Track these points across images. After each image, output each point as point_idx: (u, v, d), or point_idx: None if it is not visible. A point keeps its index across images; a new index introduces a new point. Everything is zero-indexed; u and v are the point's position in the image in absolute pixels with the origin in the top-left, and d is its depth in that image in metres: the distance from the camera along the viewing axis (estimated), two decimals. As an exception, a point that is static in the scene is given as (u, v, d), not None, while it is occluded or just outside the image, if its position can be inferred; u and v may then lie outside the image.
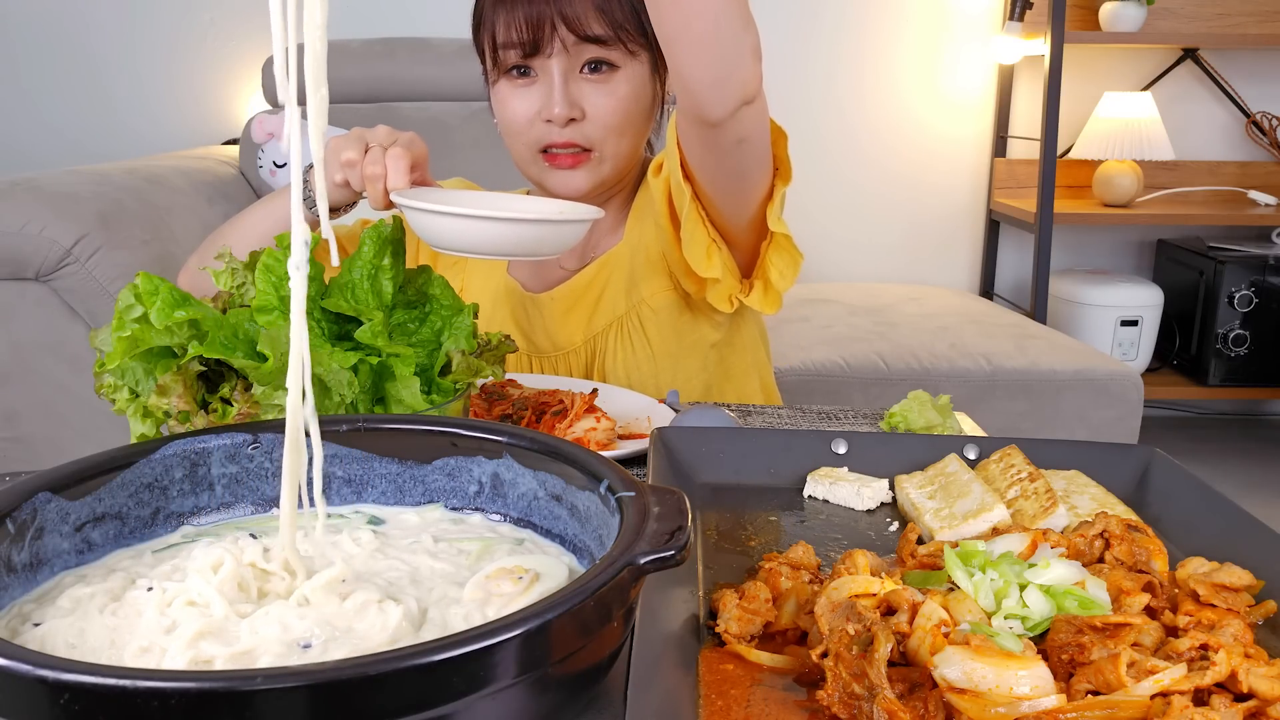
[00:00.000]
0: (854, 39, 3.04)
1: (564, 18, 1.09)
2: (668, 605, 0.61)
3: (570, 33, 1.10)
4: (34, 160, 2.90)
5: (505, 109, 1.16)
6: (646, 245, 1.23)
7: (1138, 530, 0.70)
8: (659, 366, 1.22)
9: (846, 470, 0.87)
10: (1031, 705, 0.50)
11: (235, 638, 0.50)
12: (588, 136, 1.14)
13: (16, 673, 0.41)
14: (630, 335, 1.22)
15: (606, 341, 1.23)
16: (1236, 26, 3.04)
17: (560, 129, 1.13)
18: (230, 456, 0.66)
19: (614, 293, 1.23)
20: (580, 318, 1.25)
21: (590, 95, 1.13)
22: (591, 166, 1.16)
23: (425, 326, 0.84)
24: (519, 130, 1.15)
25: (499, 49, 1.13)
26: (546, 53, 1.11)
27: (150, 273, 0.73)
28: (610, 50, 1.12)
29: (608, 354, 1.23)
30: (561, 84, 1.11)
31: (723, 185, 1.09)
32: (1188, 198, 3.12)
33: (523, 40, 1.10)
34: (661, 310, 1.22)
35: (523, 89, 1.14)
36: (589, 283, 1.25)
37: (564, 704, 0.49)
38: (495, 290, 1.29)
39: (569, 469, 0.62)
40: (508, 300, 1.28)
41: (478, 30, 1.17)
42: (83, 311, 1.91)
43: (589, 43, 1.11)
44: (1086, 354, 2.32)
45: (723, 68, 0.92)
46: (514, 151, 1.19)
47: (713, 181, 1.09)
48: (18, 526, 0.56)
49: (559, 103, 1.11)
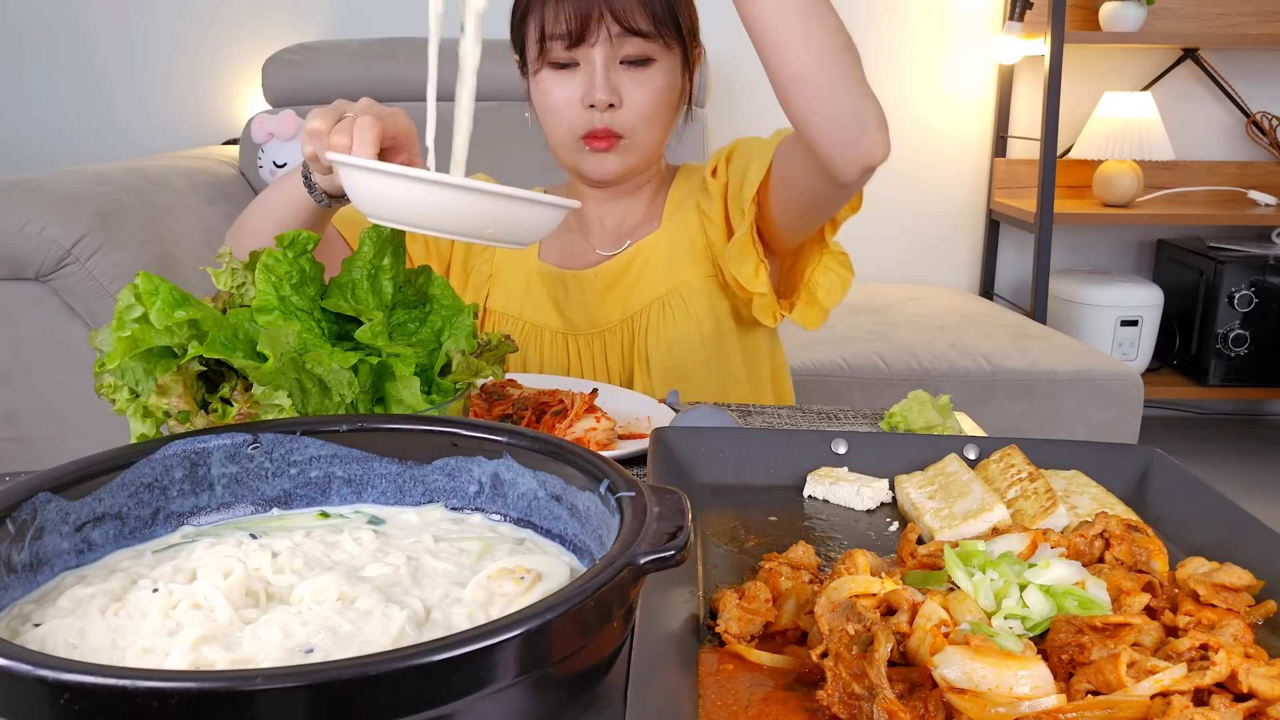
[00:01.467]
0: (854, 39, 3.04)
1: (611, 10, 1.15)
2: (668, 605, 0.61)
3: (616, 23, 1.16)
4: (34, 161, 2.90)
5: (548, 96, 1.21)
6: (689, 235, 1.28)
7: (1138, 530, 0.70)
8: (704, 342, 1.26)
9: (846, 470, 0.87)
10: (1031, 705, 0.50)
11: (237, 643, 0.50)
12: (622, 124, 1.20)
13: (16, 673, 0.41)
14: (674, 312, 1.26)
15: (648, 319, 1.27)
16: (1236, 26, 3.04)
17: (600, 114, 1.18)
18: (230, 456, 0.65)
19: (652, 275, 1.28)
20: (619, 296, 1.29)
21: (627, 85, 1.19)
22: (622, 152, 1.22)
23: (425, 326, 0.84)
24: (561, 115, 1.21)
25: (546, 39, 1.17)
26: (590, 42, 1.16)
27: (150, 273, 0.73)
28: (650, 43, 1.18)
29: (650, 331, 1.26)
30: (603, 71, 1.17)
31: (800, 219, 1.18)
32: (1188, 198, 3.12)
33: (570, 31, 1.16)
34: (703, 292, 1.26)
35: (565, 77, 1.19)
36: (626, 265, 1.29)
37: (564, 704, 0.49)
38: (529, 271, 1.32)
39: (569, 469, 0.62)
40: (543, 280, 1.31)
41: (521, 23, 1.22)
42: (83, 311, 1.91)
43: (632, 35, 1.16)
44: (1086, 354, 2.32)
45: (847, 135, 0.99)
46: (554, 136, 1.24)
47: (794, 214, 1.17)
48: (18, 526, 0.56)
49: (600, 89, 1.17)
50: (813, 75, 0.97)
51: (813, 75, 0.97)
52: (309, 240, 0.79)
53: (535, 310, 1.31)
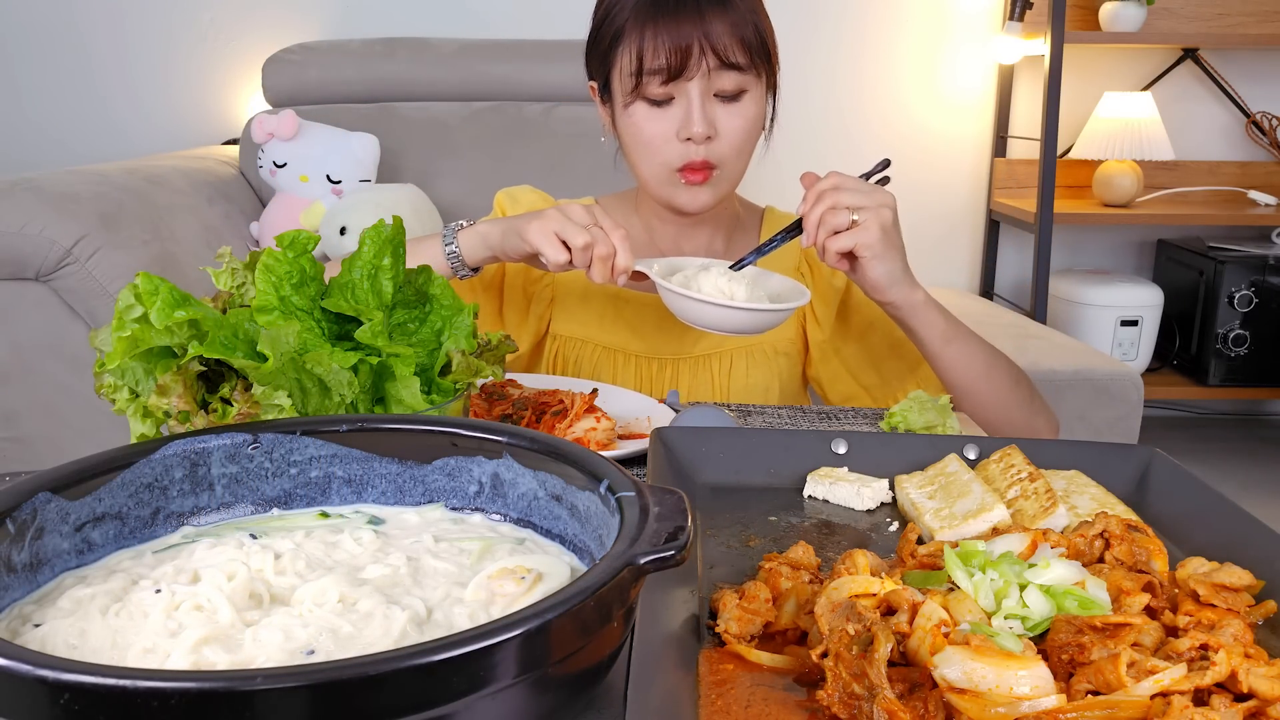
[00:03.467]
0: (854, 39, 3.04)
1: (711, 46, 1.14)
2: (668, 605, 0.61)
3: (715, 58, 1.15)
4: (33, 162, 2.89)
5: (642, 131, 1.20)
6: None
7: (1138, 530, 0.70)
8: (782, 394, 1.33)
9: (846, 470, 0.87)
10: (1031, 705, 0.50)
11: (238, 644, 0.50)
12: (717, 155, 1.20)
13: (16, 672, 0.41)
14: (760, 362, 1.31)
15: (732, 360, 1.31)
16: (1236, 26, 3.04)
17: (697, 147, 1.18)
18: (230, 456, 0.65)
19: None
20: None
21: (722, 117, 1.19)
22: (716, 183, 1.22)
23: (425, 326, 0.84)
24: (656, 149, 1.20)
25: (643, 74, 1.16)
26: (689, 77, 1.16)
27: (150, 273, 0.73)
28: (744, 76, 1.17)
29: (733, 373, 1.30)
30: (700, 106, 1.16)
31: None
32: (1188, 198, 3.12)
33: (670, 65, 1.15)
34: (787, 355, 1.33)
35: (660, 111, 1.18)
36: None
37: (564, 704, 0.49)
38: (597, 294, 1.33)
39: (569, 469, 0.62)
40: (613, 302, 1.32)
41: (608, 51, 1.20)
42: (83, 311, 1.91)
43: (729, 69, 1.16)
44: (1086, 354, 2.32)
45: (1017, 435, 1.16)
46: (646, 169, 1.23)
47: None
48: (18, 526, 0.56)
49: (698, 122, 1.16)
50: (994, 402, 1.18)
51: (994, 402, 1.18)
52: (309, 240, 0.79)
53: (607, 333, 1.31)
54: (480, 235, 1.16)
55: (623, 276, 1.09)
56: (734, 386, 1.30)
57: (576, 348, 1.32)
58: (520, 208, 1.33)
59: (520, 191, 1.36)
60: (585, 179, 1.49)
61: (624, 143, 1.24)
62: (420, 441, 0.67)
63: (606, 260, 1.08)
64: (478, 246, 1.16)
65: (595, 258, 1.08)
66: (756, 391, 1.30)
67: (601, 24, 1.21)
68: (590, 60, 1.25)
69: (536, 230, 1.09)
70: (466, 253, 1.16)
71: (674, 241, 1.32)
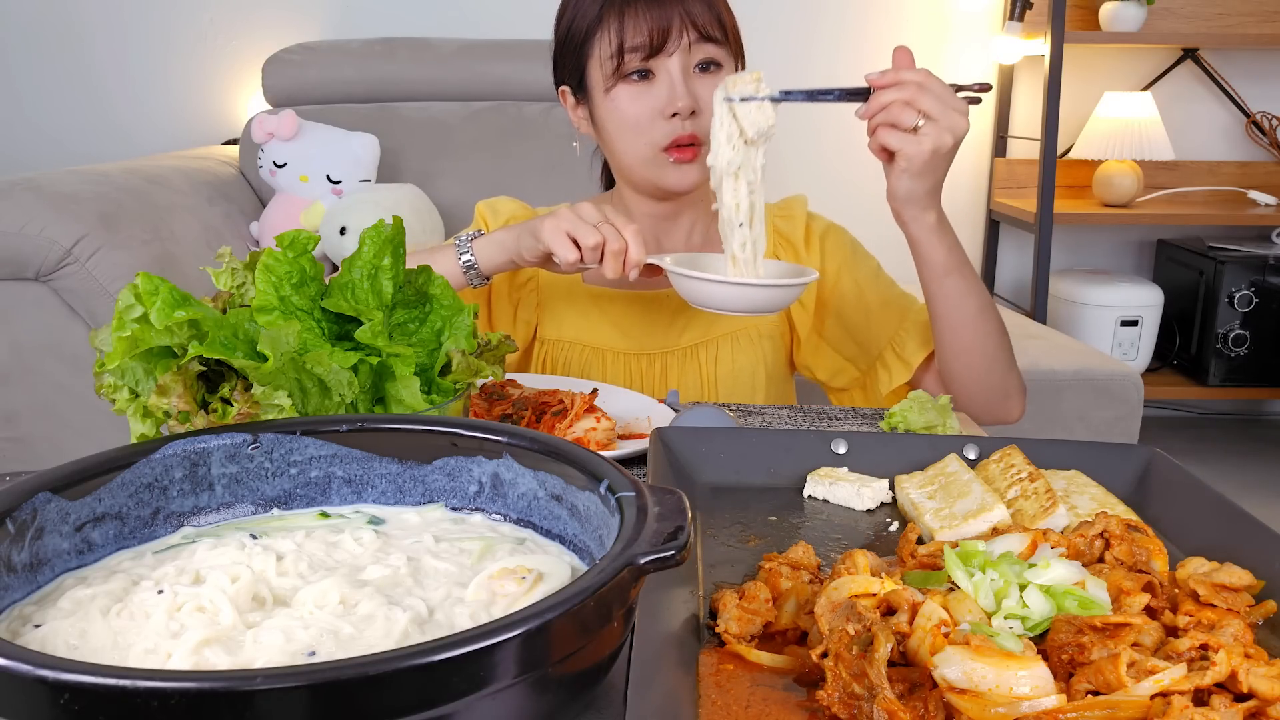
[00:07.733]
0: (854, 39, 3.04)
1: (690, 20, 1.17)
2: (668, 605, 0.61)
3: (694, 30, 1.17)
4: (33, 163, 2.89)
5: (627, 111, 1.21)
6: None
7: (1138, 530, 0.70)
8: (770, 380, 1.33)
9: (846, 470, 0.87)
10: (1031, 705, 0.50)
11: (240, 646, 0.50)
12: (702, 130, 1.20)
13: (16, 672, 0.41)
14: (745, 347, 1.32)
15: (717, 349, 1.31)
16: (1236, 26, 3.04)
17: (683, 122, 1.19)
18: (230, 456, 0.65)
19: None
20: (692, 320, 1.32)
21: (702, 90, 1.19)
22: (700, 160, 1.22)
23: (425, 326, 0.84)
24: (641, 129, 1.21)
25: (624, 54, 1.18)
26: (670, 51, 1.18)
27: (150, 273, 0.73)
28: (720, 48, 1.20)
29: (719, 361, 1.31)
30: (682, 79, 1.18)
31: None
32: (1188, 198, 3.12)
33: (651, 40, 1.17)
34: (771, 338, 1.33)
35: (640, 90, 1.20)
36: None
37: (564, 704, 0.49)
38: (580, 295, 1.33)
39: (569, 469, 0.62)
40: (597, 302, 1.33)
41: (577, 51, 1.22)
42: (83, 311, 1.91)
43: (706, 42, 1.18)
44: (1086, 354, 2.32)
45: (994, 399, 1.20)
46: (631, 152, 1.23)
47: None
48: (18, 526, 0.56)
49: (682, 96, 1.18)
50: (979, 349, 1.17)
51: (979, 349, 1.17)
52: (309, 240, 0.79)
53: (593, 333, 1.32)
54: (497, 243, 1.16)
55: (635, 270, 1.09)
56: (721, 373, 1.31)
57: (565, 350, 1.32)
58: (500, 219, 1.33)
59: (500, 203, 1.37)
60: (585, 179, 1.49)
61: (607, 132, 1.25)
62: (420, 441, 0.67)
63: (619, 255, 1.09)
64: (495, 254, 1.17)
65: (608, 253, 1.09)
66: (744, 376, 1.31)
67: (571, 23, 1.23)
68: (561, 62, 1.26)
69: (550, 230, 1.10)
70: (483, 262, 1.17)
71: (653, 235, 1.32)
